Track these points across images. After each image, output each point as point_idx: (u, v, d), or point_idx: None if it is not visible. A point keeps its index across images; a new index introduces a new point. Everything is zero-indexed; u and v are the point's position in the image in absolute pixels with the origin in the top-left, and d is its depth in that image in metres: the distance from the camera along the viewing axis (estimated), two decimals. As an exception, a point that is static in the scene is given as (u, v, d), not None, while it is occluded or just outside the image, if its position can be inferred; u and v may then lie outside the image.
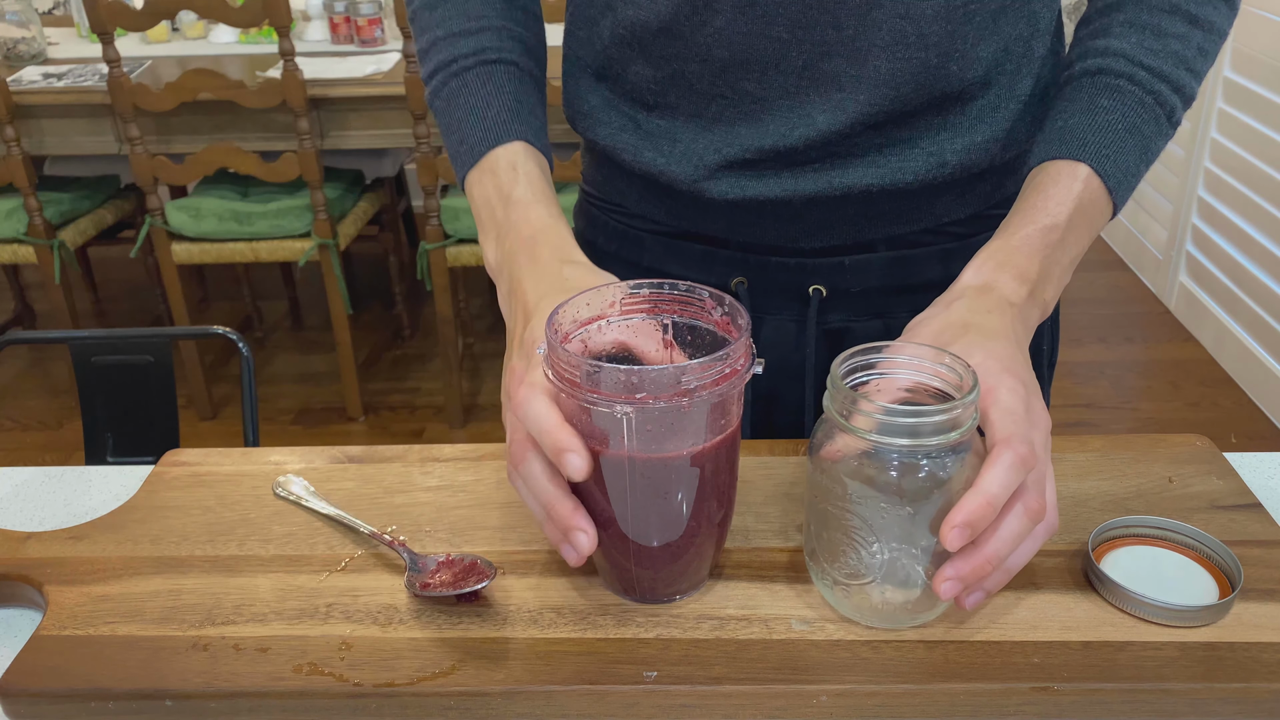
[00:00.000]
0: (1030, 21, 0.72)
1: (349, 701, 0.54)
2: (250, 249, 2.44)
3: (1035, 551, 0.55)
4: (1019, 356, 0.57)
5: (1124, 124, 0.67)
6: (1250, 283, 2.62)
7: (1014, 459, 0.51)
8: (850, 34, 0.67)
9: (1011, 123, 0.73)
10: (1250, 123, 2.62)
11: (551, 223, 0.67)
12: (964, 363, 0.54)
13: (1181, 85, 0.68)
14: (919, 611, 0.56)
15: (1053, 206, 0.64)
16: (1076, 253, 0.65)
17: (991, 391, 0.54)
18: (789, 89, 0.70)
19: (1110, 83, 0.68)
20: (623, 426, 0.51)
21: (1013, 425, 0.52)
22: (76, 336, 1.19)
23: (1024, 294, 0.61)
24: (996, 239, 0.64)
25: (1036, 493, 0.53)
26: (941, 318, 0.60)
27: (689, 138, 0.74)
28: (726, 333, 0.57)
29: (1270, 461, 0.74)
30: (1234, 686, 0.53)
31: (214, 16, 2.19)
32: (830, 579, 0.57)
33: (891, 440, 0.51)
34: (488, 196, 0.70)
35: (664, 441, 0.52)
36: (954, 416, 0.51)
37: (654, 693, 0.53)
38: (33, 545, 0.65)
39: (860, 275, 0.78)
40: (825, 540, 0.56)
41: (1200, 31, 0.69)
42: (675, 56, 0.71)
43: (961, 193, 0.76)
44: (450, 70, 0.74)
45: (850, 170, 0.72)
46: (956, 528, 0.50)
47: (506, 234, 0.67)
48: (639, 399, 0.50)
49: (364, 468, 0.72)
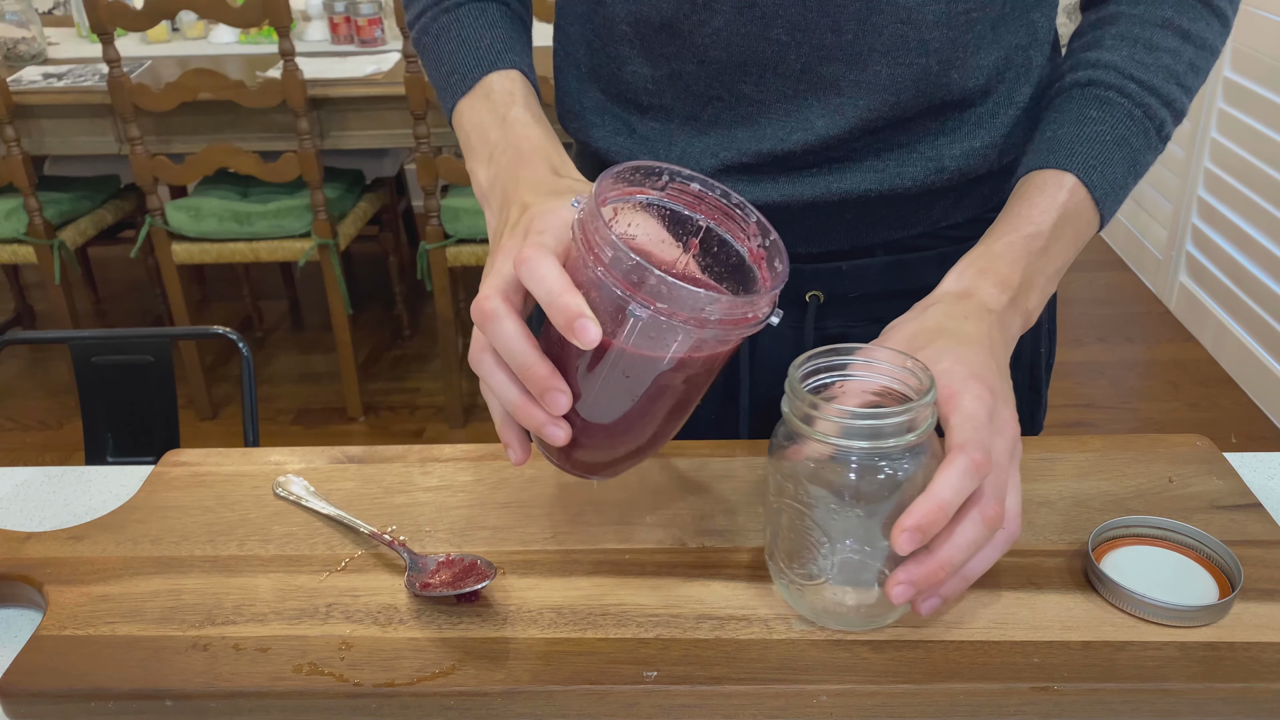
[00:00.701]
0: (1029, 31, 0.72)
1: (349, 701, 0.54)
2: (250, 249, 2.44)
3: (995, 559, 0.54)
4: (990, 363, 0.57)
5: (1112, 136, 0.67)
6: (1250, 283, 2.62)
7: (968, 464, 0.50)
8: (850, 38, 0.66)
9: (1009, 128, 0.73)
10: (1250, 123, 2.62)
11: (550, 143, 0.66)
12: (922, 365, 0.53)
13: (1171, 100, 0.68)
14: (875, 615, 0.56)
15: (1037, 215, 0.64)
16: (1062, 263, 0.65)
17: (955, 397, 0.54)
18: (786, 92, 0.69)
19: (1100, 94, 0.68)
20: (627, 321, 0.50)
21: (971, 431, 0.52)
22: (76, 336, 1.19)
23: (1004, 301, 0.61)
24: (979, 246, 0.64)
25: (994, 500, 0.52)
26: (916, 322, 0.60)
27: (684, 141, 0.73)
28: (755, 263, 0.55)
29: (1270, 461, 0.74)
30: (1234, 686, 0.53)
31: (214, 16, 2.19)
32: (787, 579, 0.57)
33: (847, 442, 0.51)
34: (480, 121, 0.68)
35: (656, 343, 0.51)
36: (909, 419, 0.51)
37: (654, 693, 0.53)
38: (33, 545, 0.65)
39: (858, 280, 0.77)
40: (783, 540, 0.56)
41: (1192, 47, 0.69)
42: (674, 55, 0.71)
43: (959, 197, 0.76)
44: (441, 7, 0.73)
45: (848, 175, 0.72)
46: (907, 531, 0.50)
47: (501, 152, 0.65)
48: (656, 306, 0.49)
49: (364, 468, 0.72)
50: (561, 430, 0.53)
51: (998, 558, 0.54)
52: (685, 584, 0.60)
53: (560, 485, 0.69)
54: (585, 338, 0.49)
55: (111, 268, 3.49)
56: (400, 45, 2.65)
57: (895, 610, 0.56)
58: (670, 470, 0.70)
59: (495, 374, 0.54)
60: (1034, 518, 0.65)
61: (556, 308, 0.50)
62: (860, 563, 0.54)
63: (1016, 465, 0.55)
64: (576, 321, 0.49)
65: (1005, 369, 0.59)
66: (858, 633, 0.56)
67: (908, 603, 0.53)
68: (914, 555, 0.52)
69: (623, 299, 0.49)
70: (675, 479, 0.69)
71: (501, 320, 0.52)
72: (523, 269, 0.51)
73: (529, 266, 0.51)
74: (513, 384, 0.54)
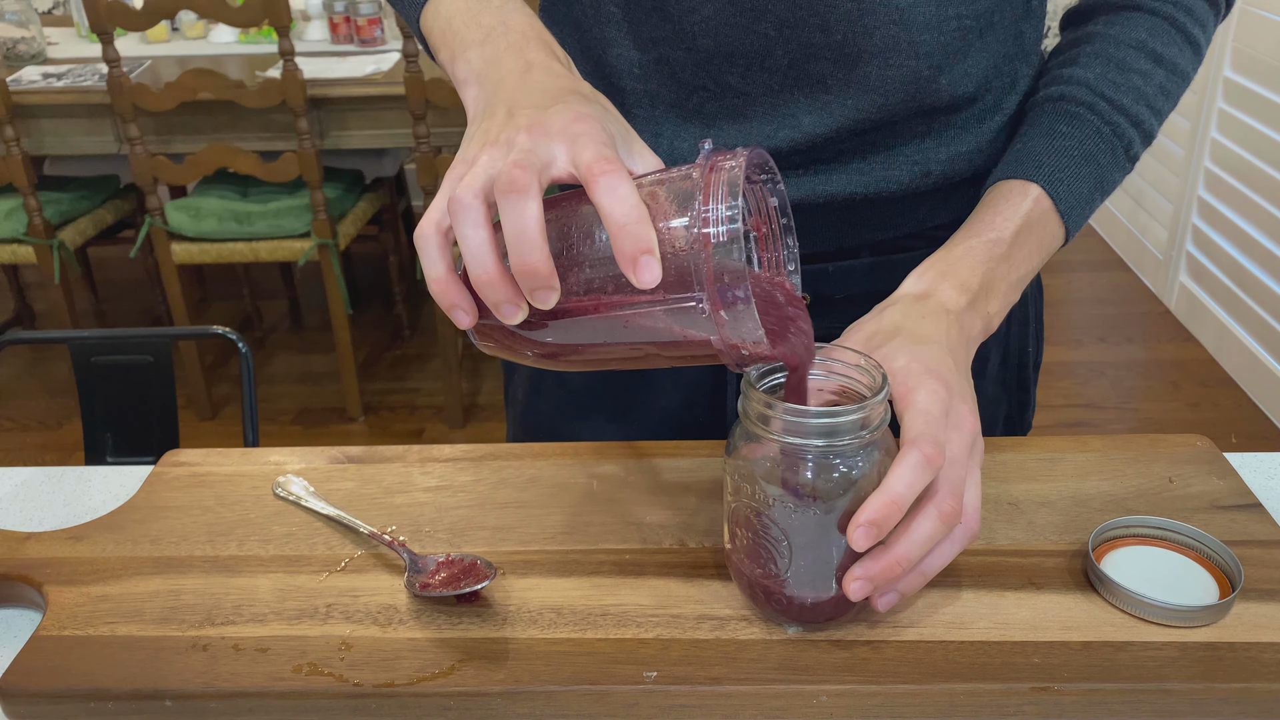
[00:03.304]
0: (1017, 41, 0.73)
1: (349, 701, 0.54)
2: (250, 249, 2.44)
3: (955, 555, 0.54)
4: (947, 360, 0.57)
5: (1080, 151, 0.68)
6: (1250, 283, 2.62)
7: (920, 459, 0.51)
8: (839, 39, 0.67)
9: (995, 133, 0.74)
10: (1250, 123, 2.62)
11: (553, 39, 0.60)
12: (875, 363, 0.54)
13: (1140, 120, 0.70)
14: (834, 613, 0.56)
15: (1000, 222, 0.65)
16: (1025, 271, 0.66)
17: (910, 393, 0.54)
18: (773, 86, 0.69)
19: (1070, 110, 0.69)
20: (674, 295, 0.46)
21: (924, 425, 0.52)
22: (76, 336, 1.19)
23: (963, 303, 0.61)
24: (940, 250, 0.65)
25: (951, 496, 0.52)
26: (874, 322, 0.61)
27: (671, 130, 0.73)
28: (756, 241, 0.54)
29: (1270, 461, 0.74)
30: (1234, 686, 0.53)
31: (214, 16, 2.19)
32: (746, 579, 0.57)
33: (801, 441, 0.51)
34: (468, 7, 0.61)
35: (675, 319, 0.48)
36: (863, 416, 0.51)
37: (654, 693, 0.53)
38: (32, 545, 0.65)
39: (844, 282, 0.77)
40: (740, 540, 0.56)
41: (1163, 71, 0.70)
42: (661, 40, 0.70)
43: (945, 198, 0.76)
44: None
45: (834, 177, 0.72)
46: (861, 526, 0.50)
47: (501, 35, 0.59)
48: (718, 313, 0.46)
49: (364, 468, 0.72)
50: (521, 313, 0.48)
51: (957, 553, 0.55)
52: (685, 584, 0.60)
53: (560, 485, 0.69)
54: (643, 276, 0.45)
55: (111, 268, 3.50)
56: (400, 45, 2.65)
57: (854, 607, 0.56)
58: (670, 470, 0.70)
59: (478, 230, 0.48)
60: (1034, 518, 0.65)
61: (629, 233, 0.45)
62: (818, 561, 0.54)
63: (976, 461, 0.56)
64: (643, 258, 0.45)
65: (964, 367, 0.59)
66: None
67: (865, 599, 0.53)
68: (871, 551, 0.52)
69: (693, 280, 0.46)
70: (675, 479, 0.69)
71: (529, 198, 0.46)
72: (603, 178, 0.46)
73: (612, 179, 0.46)
74: (493, 250, 0.48)
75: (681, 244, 0.46)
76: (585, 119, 0.50)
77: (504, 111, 0.52)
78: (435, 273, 0.49)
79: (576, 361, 0.53)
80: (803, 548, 0.53)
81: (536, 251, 0.46)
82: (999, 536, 0.63)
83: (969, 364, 0.60)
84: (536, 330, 0.51)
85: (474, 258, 0.47)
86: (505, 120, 0.52)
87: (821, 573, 0.54)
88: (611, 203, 0.46)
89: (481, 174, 0.49)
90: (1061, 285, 3.26)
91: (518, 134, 0.50)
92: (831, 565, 0.54)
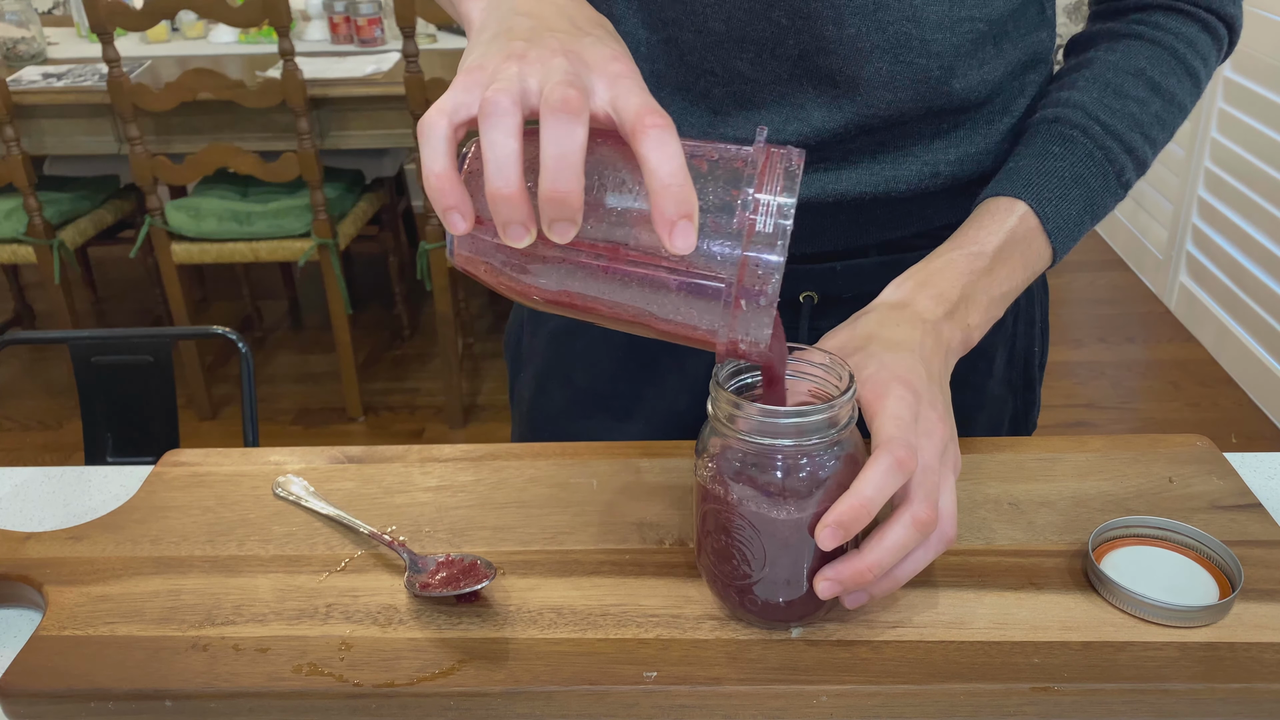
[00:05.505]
0: (1031, 50, 0.74)
1: (349, 702, 0.54)
2: (250, 249, 2.44)
3: (929, 561, 0.54)
4: (919, 368, 0.57)
5: (1071, 173, 0.68)
6: (1250, 283, 2.62)
7: (891, 462, 0.51)
8: (852, 33, 0.67)
9: (1005, 135, 0.74)
10: (1250, 123, 2.62)
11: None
12: (841, 362, 0.54)
13: (1133, 147, 0.70)
14: (804, 613, 0.56)
15: (983, 236, 0.66)
16: (1009, 287, 0.66)
17: (880, 399, 0.54)
18: (783, 75, 0.69)
19: (1064, 132, 0.69)
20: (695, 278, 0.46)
21: (895, 429, 0.52)
22: (76, 336, 1.19)
23: (940, 313, 0.61)
24: (921, 261, 0.65)
25: (926, 503, 0.52)
26: (848, 330, 0.61)
27: (677, 114, 0.72)
28: None
29: (1270, 461, 0.74)
30: (1234, 687, 0.53)
31: (214, 16, 2.19)
32: (716, 578, 0.57)
33: (769, 440, 0.51)
34: None
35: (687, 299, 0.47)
36: (830, 416, 0.51)
37: (654, 693, 0.53)
38: (32, 545, 0.65)
39: (852, 281, 0.77)
40: (710, 540, 0.56)
41: (1160, 100, 0.71)
42: (671, 21, 0.70)
43: (954, 199, 0.76)
44: None
45: (843, 176, 0.72)
46: (829, 527, 0.50)
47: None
48: (739, 306, 0.45)
49: (364, 468, 0.72)
50: (529, 237, 0.44)
51: (932, 559, 0.55)
52: (685, 584, 0.60)
53: (560, 485, 0.69)
54: (678, 241, 0.43)
55: (111, 268, 3.50)
56: (400, 45, 2.65)
57: (823, 607, 0.56)
58: (670, 470, 0.70)
59: (510, 140, 0.44)
60: (1034, 518, 0.65)
61: (674, 195, 0.43)
62: (788, 561, 0.54)
63: (950, 467, 0.56)
64: (682, 222, 0.43)
65: (937, 376, 0.59)
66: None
67: (835, 598, 0.54)
68: (844, 554, 0.53)
69: (723, 261, 0.44)
70: (675, 479, 0.69)
71: (579, 124, 0.43)
72: (654, 131, 0.43)
73: (664, 133, 0.43)
74: (520, 163, 0.44)
75: (723, 222, 0.45)
76: (622, 59, 0.47)
77: (526, 27, 0.49)
78: (437, 166, 0.45)
79: (556, 306, 0.50)
80: (772, 547, 0.53)
81: (574, 180, 0.43)
82: (999, 536, 0.63)
83: (946, 374, 0.60)
84: (532, 262, 0.48)
85: (499, 168, 0.43)
86: (531, 36, 0.48)
87: (792, 573, 0.54)
88: (660, 160, 0.43)
89: (517, 83, 0.45)
90: (1062, 285, 3.26)
91: (553, 56, 0.46)
92: (801, 565, 0.54)
